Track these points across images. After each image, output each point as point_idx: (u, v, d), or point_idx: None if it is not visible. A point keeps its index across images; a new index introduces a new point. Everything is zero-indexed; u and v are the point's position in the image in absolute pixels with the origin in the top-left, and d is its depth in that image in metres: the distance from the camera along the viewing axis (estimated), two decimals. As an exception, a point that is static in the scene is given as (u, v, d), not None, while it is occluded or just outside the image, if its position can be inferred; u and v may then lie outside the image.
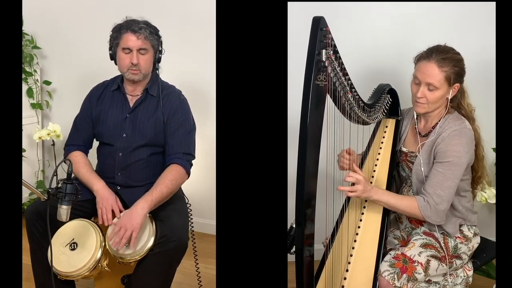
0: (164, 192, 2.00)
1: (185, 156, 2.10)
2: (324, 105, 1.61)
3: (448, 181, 1.79)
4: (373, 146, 2.10)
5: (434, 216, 1.80)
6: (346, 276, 1.79)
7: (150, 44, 2.09)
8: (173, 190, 2.05)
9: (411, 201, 1.83)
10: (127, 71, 2.09)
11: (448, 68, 1.80)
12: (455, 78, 1.82)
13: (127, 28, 2.07)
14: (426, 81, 1.82)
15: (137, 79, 2.11)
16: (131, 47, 2.05)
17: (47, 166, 3.59)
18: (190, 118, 2.19)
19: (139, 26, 2.06)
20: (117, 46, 2.10)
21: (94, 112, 2.19)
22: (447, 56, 1.81)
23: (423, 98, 1.84)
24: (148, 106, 2.14)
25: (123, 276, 2.14)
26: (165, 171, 2.06)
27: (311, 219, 1.62)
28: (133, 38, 2.05)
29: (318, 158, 1.61)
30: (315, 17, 1.56)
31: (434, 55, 1.81)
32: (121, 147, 2.12)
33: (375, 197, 1.83)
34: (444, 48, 1.84)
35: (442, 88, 1.82)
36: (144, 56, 2.08)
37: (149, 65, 2.12)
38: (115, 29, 2.11)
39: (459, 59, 1.84)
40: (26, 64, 3.31)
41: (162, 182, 2.02)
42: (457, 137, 1.82)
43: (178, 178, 2.07)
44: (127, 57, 2.07)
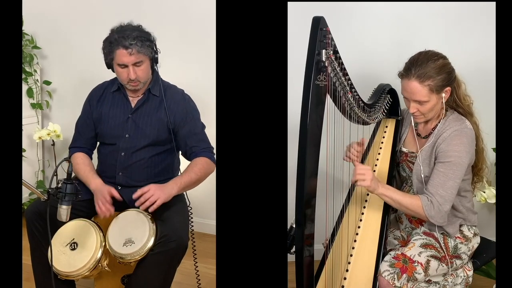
0: (193, 178, 2.06)
1: (208, 149, 2.16)
2: (324, 105, 1.61)
3: (449, 181, 1.79)
4: (373, 146, 2.10)
5: (437, 217, 1.80)
6: (346, 276, 1.79)
7: (144, 55, 2.06)
8: (201, 178, 2.10)
9: (415, 200, 1.82)
10: (127, 83, 2.10)
11: (430, 80, 1.77)
12: (441, 85, 1.79)
13: (118, 44, 2.02)
14: (413, 99, 1.82)
15: (139, 88, 2.13)
16: (126, 63, 2.04)
17: (47, 166, 3.59)
18: (199, 116, 2.22)
19: (129, 41, 2.01)
20: (112, 60, 2.08)
21: (95, 114, 2.19)
22: (426, 69, 1.77)
23: (417, 112, 1.85)
24: (151, 106, 2.15)
25: (123, 276, 2.14)
26: (193, 162, 2.12)
27: (311, 219, 1.62)
28: (126, 54, 2.02)
29: (318, 158, 1.61)
30: (315, 17, 1.56)
31: (413, 70, 1.77)
32: (123, 147, 2.12)
33: (380, 190, 1.81)
34: (422, 59, 1.79)
35: (431, 99, 1.81)
36: (141, 67, 2.07)
37: (147, 72, 2.12)
38: (106, 43, 2.08)
39: (441, 65, 1.79)
40: (26, 64, 3.31)
41: (191, 170, 2.08)
42: (458, 137, 1.82)
43: (206, 167, 2.12)
44: (124, 72, 2.07)
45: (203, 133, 2.20)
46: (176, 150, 2.18)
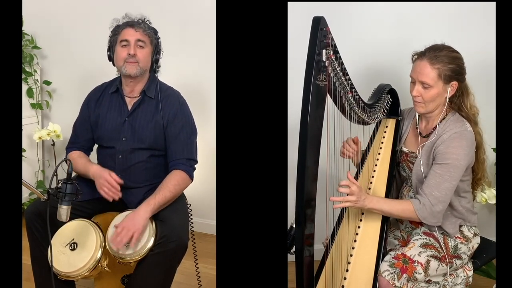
0: (167, 196, 2.00)
1: (188, 162, 2.10)
2: (324, 105, 1.61)
3: (445, 182, 1.79)
4: (373, 146, 2.10)
5: (430, 217, 1.80)
6: (346, 276, 1.79)
7: (149, 38, 2.10)
8: (176, 195, 2.05)
9: (406, 205, 1.83)
10: (124, 63, 2.08)
11: (441, 65, 1.79)
12: (450, 75, 1.80)
13: (127, 24, 2.11)
14: (419, 79, 1.81)
15: (134, 73, 2.09)
16: (129, 38, 2.07)
17: (47, 166, 3.59)
18: (190, 121, 2.17)
19: (138, 22, 2.12)
20: (115, 43, 2.11)
21: (92, 117, 2.19)
22: (440, 53, 1.80)
23: (419, 97, 1.84)
24: (147, 109, 2.13)
25: (123, 276, 2.14)
26: (169, 176, 2.06)
27: (311, 219, 1.62)
28: (132, 31, 2.08)
29: (318, 158, 1.61)
30: (315, 17, 1.56)
31: (427, 53, 1.81)
32: (120, 150, 2.12)
33: (369, 206, 1.82)
34: (438, 46, 1.83)
35: (437, 86, 1.81)
36: (142, 50, 2.09)
37: (147, 60, 2.12)
38: (114, 29, 2.14)
39: (455, 57, 1.82)
40: (26, 64, 3.31)
41: (165, 187, 2.01)
42: (457, 139, 1.81)
43: (182, 183, 2.07)
44: (125, 50, 2.08)
45: (189, 140, 2.13)
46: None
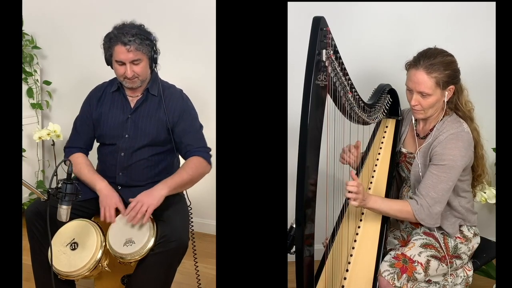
0: (184, 177, 2.04)
1: (203, 149, 2.14)
2: (324, 105, 1.61)
3: (442, 183, 1.79)
4: (373, 146, 2.10)
5: (428, 219, 1.80)
6: (346, 276, 1.79)
7: (142, 53, 2.06)
8: (193, 178, 2.08)
9: (404, 206, 1.83)
10: (124, 80, 2.09)
11: (437, 73, 1.78)
12: (447, 81, 1.80)
13: (117, 40, 2.03)
14: (417, 89, 1.81)
15: (136, 86, 2.12)
16: (123, 60, 2.04)
17: (47, 166, 3.59)
18: (197, 115, 2.21)
19: (128, 38, 2.02)
20: (110, 56, 2.09)
21: (94, 114, 2.19)
22: (434, 61, 1.78)
23: (418, 105, 1.84)
24: (150, 106, 2.15)
25: (123, 276, 2.14)
26: (186, 161, 2.11)
27: (311, 219, 1.62)
28: (124, 51, 2.02)
29: (318, 158, 1.61)
30: (315, 17, 1.56)
31: (422, 61, 1.79)
32: (123, 147, 2.12)
33: (369, 205, 1.82)
34: (432, 53, 1.81)
35: (435, 93, 1.80)
36: (139, 65, 2.07)
37: (146, 71, 2.11)
38: (106, 39, 2.09)
39: (449, 62, 1.81)
40: (26, 64, 3.31)
41: (183, 169, 2.07)
42: (453, 140, 1.81)
43: (199, 166, 2.10)
44: (121, 68, 2.06)
45: (200, 132, 2.18)
46: (175, 150, 2.17)
